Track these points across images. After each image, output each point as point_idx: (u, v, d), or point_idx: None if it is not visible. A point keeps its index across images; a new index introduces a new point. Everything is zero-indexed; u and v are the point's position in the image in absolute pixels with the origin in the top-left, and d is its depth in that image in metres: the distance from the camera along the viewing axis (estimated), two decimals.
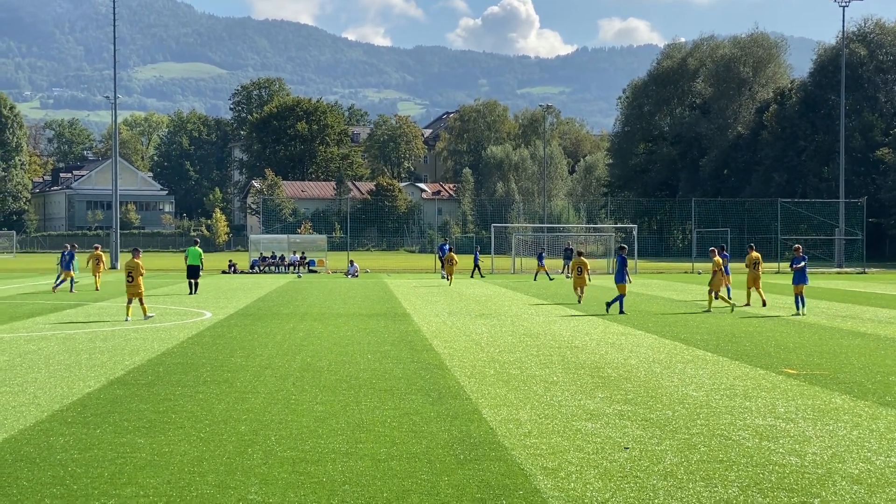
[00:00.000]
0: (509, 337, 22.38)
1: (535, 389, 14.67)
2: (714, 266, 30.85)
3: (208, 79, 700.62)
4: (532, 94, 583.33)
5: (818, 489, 9.06)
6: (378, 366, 17.19)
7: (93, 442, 10.88)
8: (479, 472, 9.57)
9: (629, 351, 19.63)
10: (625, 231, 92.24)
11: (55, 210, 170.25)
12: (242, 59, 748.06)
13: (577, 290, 34.40)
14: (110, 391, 14.44)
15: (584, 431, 11.51)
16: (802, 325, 25.52)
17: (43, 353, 18.99)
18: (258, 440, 10.97)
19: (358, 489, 8.97)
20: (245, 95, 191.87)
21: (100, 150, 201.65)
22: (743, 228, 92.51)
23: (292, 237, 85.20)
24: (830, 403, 13.54)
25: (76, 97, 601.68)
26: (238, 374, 16.24)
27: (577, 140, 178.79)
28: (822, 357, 18.80)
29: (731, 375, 16.23)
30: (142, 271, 27.08)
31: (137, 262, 27.13)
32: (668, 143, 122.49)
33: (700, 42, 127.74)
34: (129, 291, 26.85)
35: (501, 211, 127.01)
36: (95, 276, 43.54)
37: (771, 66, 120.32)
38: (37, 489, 8.96)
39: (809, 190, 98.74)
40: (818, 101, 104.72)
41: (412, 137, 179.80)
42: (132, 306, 26.89)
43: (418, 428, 11.66)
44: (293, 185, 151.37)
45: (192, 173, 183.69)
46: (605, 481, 9.28)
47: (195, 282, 40.01)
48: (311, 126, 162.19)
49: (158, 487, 9.01)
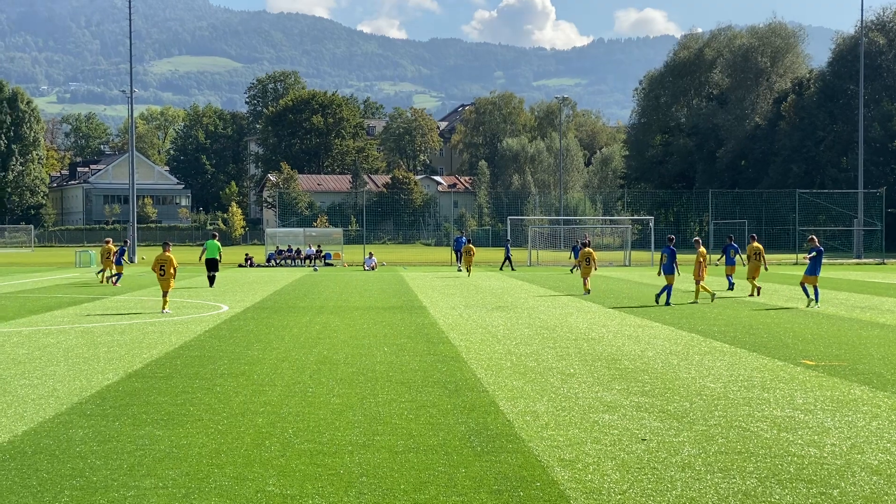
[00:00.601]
0: (526, 329, 22.36)
1: (552, 381, 14.65)
2: (698, 256, 31.13)
3: (224, 72, 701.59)
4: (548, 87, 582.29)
5: (837, 480, 9.02)
6: (395, 358, 17.20)
7: (112, 434, 10.92)
8: (496, 464, 9.56)
9: (646, 343, 19.59)
10: (641, 223, 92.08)
11: (72, 204, 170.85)
12: (258, 52, 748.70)
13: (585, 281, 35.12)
14: (129, 384, 14.49)
15: (601, 423, 11.49)
16: (820, 317, 25.42)
17: (62, 347, 19.07)
18: (275, 432, 10.99)
19: (375, 481, 8.98)
20: (260, 89, 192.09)
21: (116, 144, 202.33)
22: (761, 220, 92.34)
23: (308, 230, 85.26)
24: (849, 394, 13.49)
25: (93, 91, 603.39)
26: (255, 366, 16.27)
27: (593, 132, 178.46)
28: (841, 348, 18.72)
29: (749, 367, 16.18)
30: (174, 265, 27.84)
31: (170, 255, 27.91)
32: (684, 134, 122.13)
33: (717, 32, 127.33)
34: (163, 285, 27.63)
35: (517, 203, 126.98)
36: (105, 270, 43.82)
37: (789, 56, 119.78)
38: (56, 481, 8.99)
39: (828, 180, 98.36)
40: (836, 91, 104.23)
41: (428, 130, 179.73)
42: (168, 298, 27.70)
43: (435, 420, 11.66)
44: (309, 179, 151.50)
45: (209, 167, 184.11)
46: (623, 473, 9.26)
47: (213, 275, 40.16)
48: (327, 119, 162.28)
49: (177, 479, 9.04)
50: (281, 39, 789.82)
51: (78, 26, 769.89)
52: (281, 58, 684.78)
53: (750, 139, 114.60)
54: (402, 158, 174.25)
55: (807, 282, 28.90)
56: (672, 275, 30.24)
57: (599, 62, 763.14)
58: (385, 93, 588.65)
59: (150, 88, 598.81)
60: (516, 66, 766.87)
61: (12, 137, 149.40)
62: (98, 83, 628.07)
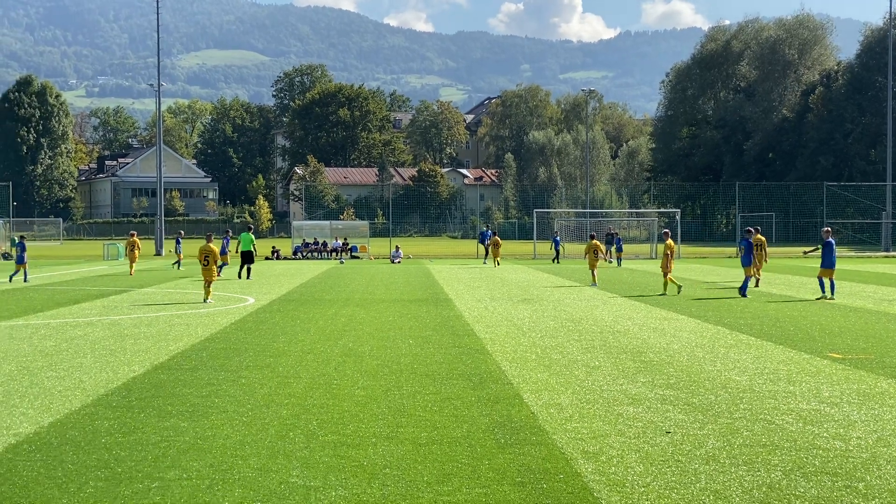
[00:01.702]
0: (551, 322, 22.33)
1: (577, 374, 14.63)
2: (665, 249, 31.70)
3: (251, 66, 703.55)
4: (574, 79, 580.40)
5: (862, 473, 8.97)
6: (419, 351, 17.22)
7: (137, 426, 10.99)
8: (519, 457, 9.56)
9: (671, 335, 19.53)
10: (668, 216, 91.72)
11: (101, 197, 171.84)
12: (285, 45, 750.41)
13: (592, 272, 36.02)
14: (154, 376, 14.57)
15: (625, 416, 11.47)
16: (848, 310, 25.26)
17: (89, 339, 19.19)
18: (300, 424, 11.02)
19: (399, 472, 8.99)
20: (287, 82, 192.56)
21: (144, 137, 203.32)
22: (788, 212, 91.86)
23: (335, 223, 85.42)
24: (876, 388, 13.41)
25: (121, 85, 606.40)
26: (280, 358, 16.33)
27: (619, 125, 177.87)
28: (868, 341, 18.60)
29: (775, 360, 16.11)
30: (216, 256, 28.84)
31: (212, 246, 28.77)
32: (711, 126, 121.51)
33: (745, 24, 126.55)
34: (206, 274, 28.32)
35: (544, 196, 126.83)
36: (131, 263, 44.30)
37: (817, 48, 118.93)
38: (82, 472, 9.05)
39: (856, 173, 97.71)
40: (865, 83, 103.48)
41: (454, 123, 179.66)
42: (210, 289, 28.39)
43: (459, 412, 11.67)
44: (335, 172, 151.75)
45: (236, 160, 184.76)
46: (647, 465, 9.24)
47: (249, 267, 40.74)
48: (354, 112, 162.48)
49: (201, 470, 9.08)
50: (308, 33, 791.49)
51: (106, 20, 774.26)
52: (308, 51, 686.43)
53: (777, 132, 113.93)
54: (429, 151, 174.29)
55: (823, 275, 28.72)
56: (749, 266, 30.67)
57: (626, 55, 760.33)
58: (411, 86, 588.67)
59: (177, 82, 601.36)
60: (543, 59, 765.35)
61: (41, 131, 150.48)
62: (126, 77, 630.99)
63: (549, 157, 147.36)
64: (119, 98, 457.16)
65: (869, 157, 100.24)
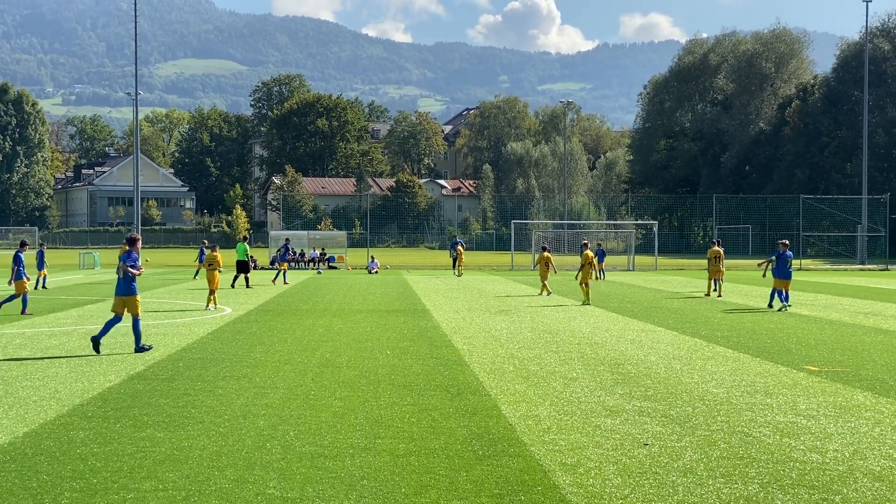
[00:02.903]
0: (528, 333, 22.34)
1: (555, 385, 14.63)
2: (583, 259, 32.67)
3: (229, 75, 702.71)
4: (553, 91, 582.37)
5: (839, 486, 8.99)
6: (397, 362, 17.19)
7: (112, 436, 10.91)
8: (497, 468, 9.54)
9: (649, 347, 19.57)
10: (645, 227, 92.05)
11: (77, 206, 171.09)
12: (263, 55, 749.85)
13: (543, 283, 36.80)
14: (130, 386, 14.49)
15: (603, 428, 11.47)
16: (823, 322, 25.38)
17: (64, 348, 19.08)
18: (277, 435, 10.98)
19: (376, 484, 8.96)
20: (265, 92, 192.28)
21: (121, 146, 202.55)
22: (765, 225, 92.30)
23: (312, 233, 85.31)
24: (852, 400, 13.46)
25: (98, 94, 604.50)
26: (257, 369, 16.26)
27: (597, 136, 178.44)
28: (844, 354, 18.69)
29: (752, 372, 16.15)
30: (220, 265, 29.73)
31: (217, 255, 29.81)
32: (689, 139, 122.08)
33: (722, 37, 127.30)
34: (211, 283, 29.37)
35: (521, 207, 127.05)
36: None
37: (793, 62, 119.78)
38: (57, 483, 8.98)
39: (832, 186, 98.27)
40: (841, 97, 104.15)
41: (432, 134, 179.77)
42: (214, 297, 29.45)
43: (437, 424, 11.64)
44: (313, 182, 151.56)
45: (213, 170, 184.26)
46: (625, 477, 9.24)
47: (246, 276, 41.20)
48: (332, 122, 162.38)
49: (177, 482, 9.03)
50: (286, 42, 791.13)
51: (83, 28, 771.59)
52: (286, 61, 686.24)
53: (754, 144, 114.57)
54: (407, 162, 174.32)
55: (777, 286, 29.56)
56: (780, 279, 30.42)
57: (604, 67, 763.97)
58: (390, 96, 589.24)
59: (155, 91, 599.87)
60: (521, 71, 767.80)
61: (17, 139, 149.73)
62: (103, 85, 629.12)
63: (526, 169, 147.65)
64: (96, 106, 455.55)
65: (845, 171, 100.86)
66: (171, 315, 26.98)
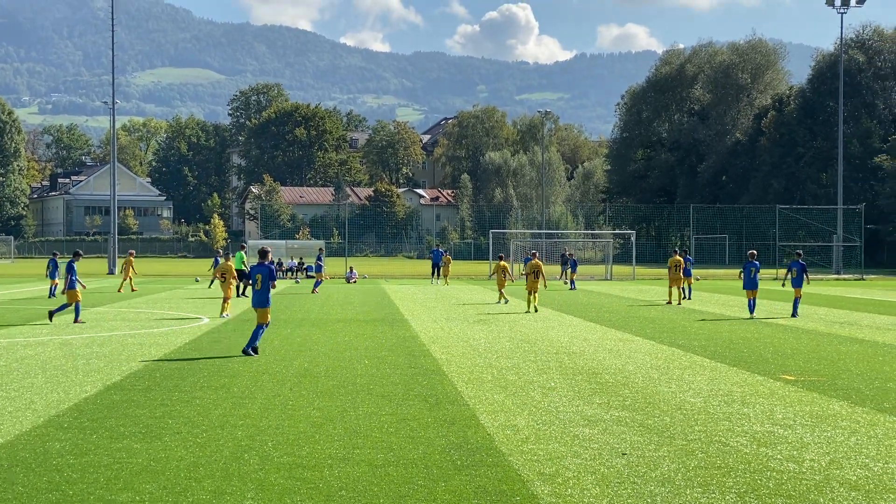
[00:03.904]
0: (507, 342, 22.35)
1: (533, 395, 14.64)
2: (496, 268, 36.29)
3: (207, 84, 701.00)
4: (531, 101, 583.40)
5: (816, 495, 9.03)
6: (375, 371, 17.16)
7: (89, 447, 10.85)
8: (476, 478, 9.54)
9: (627, 357, 19.61)
10: (623, 237, 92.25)
11: (53, 215, 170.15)
12: (241, 64, 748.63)
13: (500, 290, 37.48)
14: (107, 396, 14.41)
15: (581, 437, 11.49)
16: (800, 332, 25.51)
17: (40, 359, 18.95)
18: (255, 446, 10.94)
19: (354, 495, 8.94)
20: (243, 101, 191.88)
21: (98, 155, 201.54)
22: (741, 235, 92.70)
23: (290, 243, 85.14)
24: (828, 409, 13.53)
25: (74, 102, 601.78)
26: (235, 379, 16.21)
27: (575, 146, 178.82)
28: (820, 363, 18.78)
29: (729, 381, 16.21)
30: (234, 273, 30.68)
31: (230, 264, 30.79)
32: (666, 149, 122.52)
33: (698, 48, 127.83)
34: (225, 291, 30.05)
35: (500, 217, 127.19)
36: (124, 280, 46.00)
37: (769, 73, 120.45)
38: (33, 494, 8.93)
39: (807, 196, 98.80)
40: (816, 108, 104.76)
41: (410, 143, 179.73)
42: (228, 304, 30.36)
43: (415, 433, 11.63)
44: (291, 191, 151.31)
45: (191, 179, 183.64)
46: (603, 487, 9.25)
47: (243, 284, 41.16)
48: (310, 132, 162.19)
49: (154, 493, 8.98)
50: (264, 52, 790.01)
51: (60, 37, 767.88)
52: (264, 70, 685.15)
53: (731, 154, 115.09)
54: (385, 171, 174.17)
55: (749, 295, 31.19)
56: (800, 288, 31.62)
57: (582, 77, 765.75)
58: (368, 105, 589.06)
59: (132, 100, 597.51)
60: (499, 80, 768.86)
61: None
62: (80, 94, 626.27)
63: (504, 178, 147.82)
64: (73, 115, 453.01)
65: (820, 181, 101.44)
66: (148, 325, 26.87)
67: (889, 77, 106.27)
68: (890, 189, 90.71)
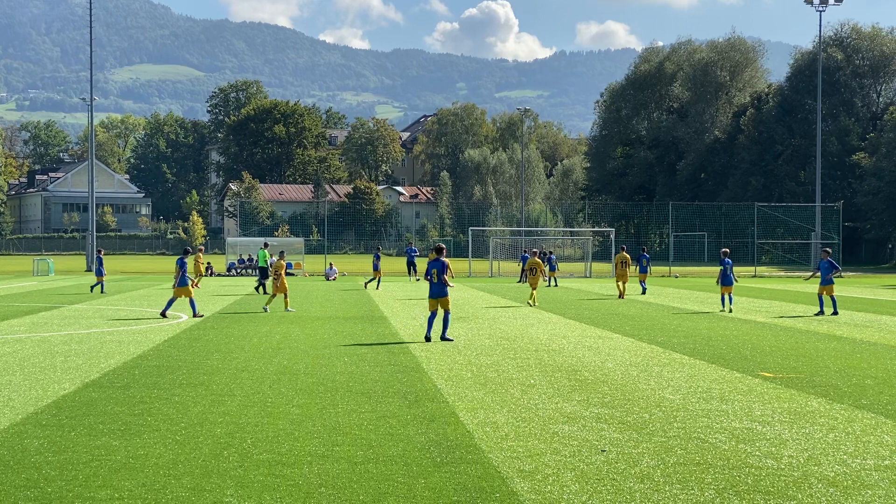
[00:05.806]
0: (486, 340, 22.37)
1: (513, 392, 14.66)
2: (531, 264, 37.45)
3: (185, 81, 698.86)
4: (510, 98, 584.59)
5: (794, 492, 9.07)
6: (355, 369, 17.15)
7: (67, 445, 10.80)
8: (455, 475, 9.54)
9: (606, 354, 19.65)
10: (602, 235, 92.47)
11: (31, 212, 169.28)
12: (220, 61, 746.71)
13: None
14: (85, 394, 14.35)
15: (561, 434, 11.50)
16: (778, 329, 25.62)
17: (18, 356, 18.85)
18: (234, 443, 10.91)
19: (334, 492, 8.94)
20: (222, 98, 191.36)
21: (76, 152, 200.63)
22: (720, 232, 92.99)
23: (269, 240, 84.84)
24: (806, 406, 13.59)
25: (52, 99, 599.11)
26: (214, 376, 16.16)
27: (554, 143, 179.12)
28: (798, 360, 18.86)
29: (708, 378, 16.27)
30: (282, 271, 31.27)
31: (283, 262, 31.83)
32: (645, 146, 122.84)
33: (677, 46, 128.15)
34: (281, 288, 30.95)
35: (479, 214, 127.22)
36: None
37: (748, 71, 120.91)
38: (10, 492, 8.88)
39: (786, 194, 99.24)
40: (795, 106, 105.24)
41: (390, 140, 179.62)
42: (276, 299, 31.71)
43: (395, 431, 11.63)
44: (270, 188, 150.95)
45: (169, 176, 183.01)
46: (582, 484, 9.27)
47: (263, 283, 41.74)
48: (289, 129, 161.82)
49: (133, 490, 8.95)
50: (243, 48, 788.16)
51: (38, 33, 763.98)
52: (243, 67, 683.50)
53: (709, 152, 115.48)
54: (364, 169, 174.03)
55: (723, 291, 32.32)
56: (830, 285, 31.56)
57: (561, 74, 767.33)
58: (347, 103, 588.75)
59: (110, 96, 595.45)
60: (479, 78, 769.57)
61: None
62: (58, 91, 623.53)
63: (484, 176, 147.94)
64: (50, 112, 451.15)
65: (799, 179, 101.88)
66: (126, 322, 26.77)
67: (867, 75, 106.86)
68: (868, 187, 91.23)
